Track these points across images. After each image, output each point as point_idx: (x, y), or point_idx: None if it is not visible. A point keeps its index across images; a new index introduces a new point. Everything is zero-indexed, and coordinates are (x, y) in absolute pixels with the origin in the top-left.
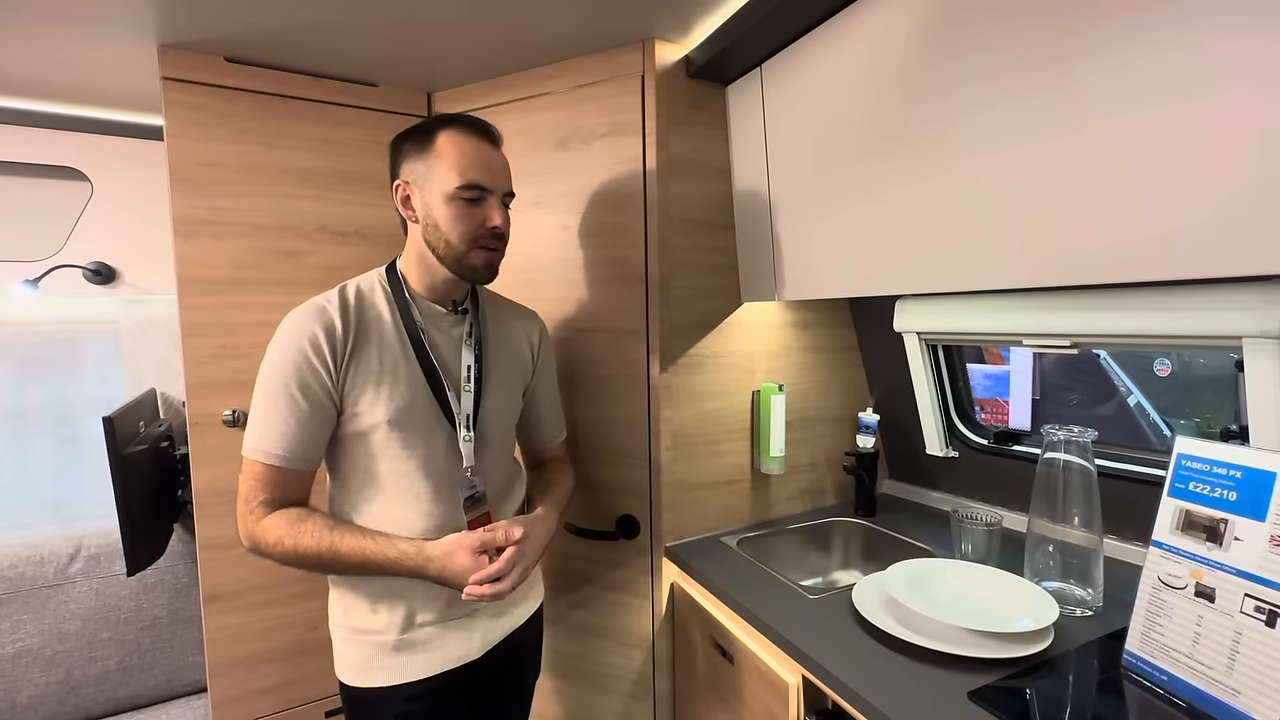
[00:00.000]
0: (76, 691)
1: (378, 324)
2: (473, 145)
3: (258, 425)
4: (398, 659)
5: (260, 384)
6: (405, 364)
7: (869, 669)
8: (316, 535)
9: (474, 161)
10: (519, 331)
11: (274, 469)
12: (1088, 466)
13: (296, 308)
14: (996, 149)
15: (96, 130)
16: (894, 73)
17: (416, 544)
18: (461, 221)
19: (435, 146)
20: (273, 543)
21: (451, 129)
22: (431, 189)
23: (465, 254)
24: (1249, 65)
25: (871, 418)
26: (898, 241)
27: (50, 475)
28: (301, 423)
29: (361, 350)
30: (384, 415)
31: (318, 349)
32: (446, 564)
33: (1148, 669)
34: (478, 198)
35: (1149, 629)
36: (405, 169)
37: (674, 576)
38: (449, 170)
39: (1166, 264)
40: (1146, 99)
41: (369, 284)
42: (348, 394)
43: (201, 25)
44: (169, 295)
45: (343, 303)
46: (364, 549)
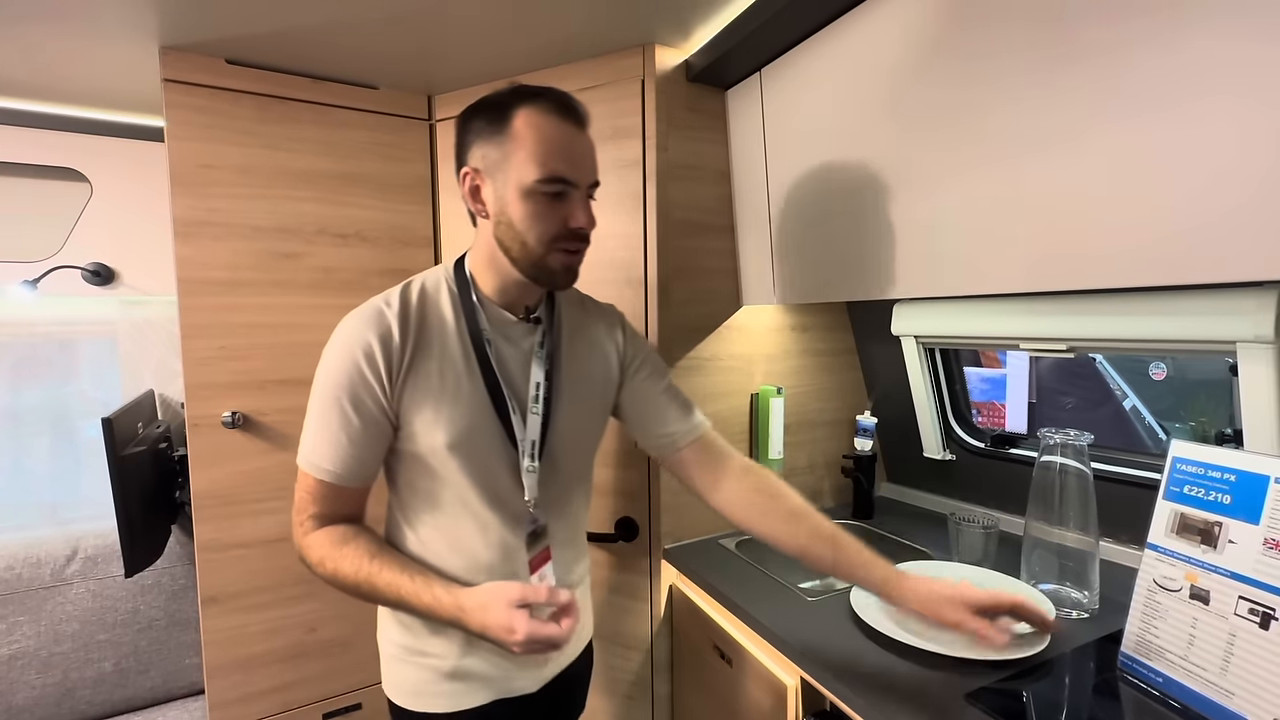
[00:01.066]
0: (73, 694)
1: (440, 332)
2: (556, 127)
3: (310, 435)
4: (454, 685)
5: (314, 392)
6: (468, 380)
7: (867, 671)
8: (356, 562)
9: (557, 148)
10: (601, 336)
11: (324, 484)
12: (1084, 470)
13: (353, 311)
14: (995, 154)
15: (96, 131)
16: (892, 78)
17: (452, 592)
18: (540, 220)
19: (512, 128)
20: (315, 562)
21: (531, 106)
22: (506, 180)
23: (543, 257)
24: (1245, 71)
25: (869, 420)
26: (895, 245)
27: (48, 476)
28: (354, 439)
29: (420, 363)
30: (442, 439)
31: (372, 360)
32: (483, 619)
33: (1143, 671)
34: (560, 192)
35: (1144, 631)
36: (475, 153)
37: (673, 579)
38: (528, 159)
39: (1163, 269)
40: (1144, 105)
41: (435, 283)
42: (403, 412)
43: (203, 27)
44: (168, 296)
45: (403, 306)
46: (399, 587)
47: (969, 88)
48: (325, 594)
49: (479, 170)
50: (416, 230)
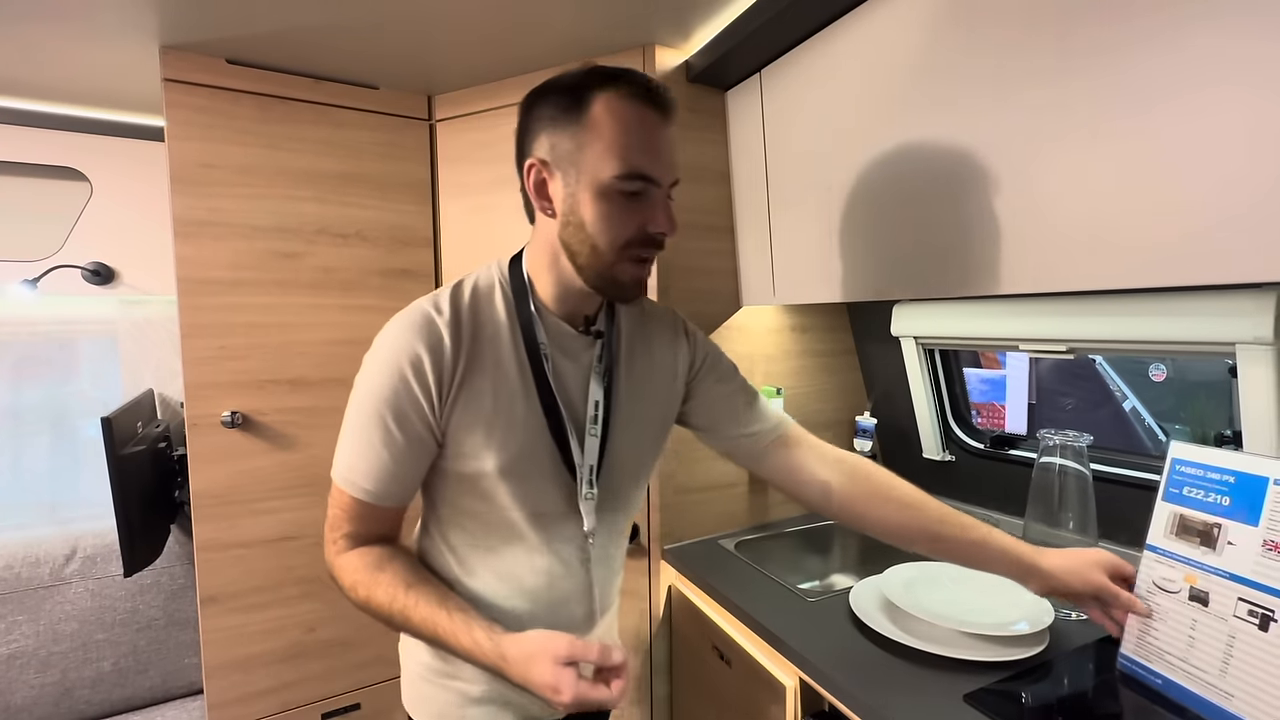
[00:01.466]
0: (71, 693)
1: (494, 344)
2: (640, 116)
3: (348, 451)
4: (480, 710)
5: (354, 403)
6: (524, 400)
7: (866, 672)
8: (391, 591)
9: (640, 141)
10: (662, 347)
11: (360, 503)
12: (1083, 471)
13: (400, 314)
14: (994, 156)
15: (97, 131)
16: (893, 78)
17: (494, 638)
18: (615, 222)
19: (590, 115)
20: (347, 586)
21: (612, 90)
22: (579, 174)
23: (613, 265)
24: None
25: (869, 421)
26: (895, 246)
27: (47, 475)
28: (396, 457)
29: (473, 378)
30: (493, 464)
31: (420, 374)
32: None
33: (1142, 672)
34: (639, 190)
35: (1144, 633)
36: (543, 142)
37: (672, 579)
38: (606, 151)
39: (1162, 271)
40: (1144, 106)
41: (488, 284)
42: (452, 431)
43: (203, 27)
44: (167, 296)
45: (455, 313)
46: (436, 624)
47: (969, 88)
48: (324, 594)
49: (547, 162)
50: (416, 230)
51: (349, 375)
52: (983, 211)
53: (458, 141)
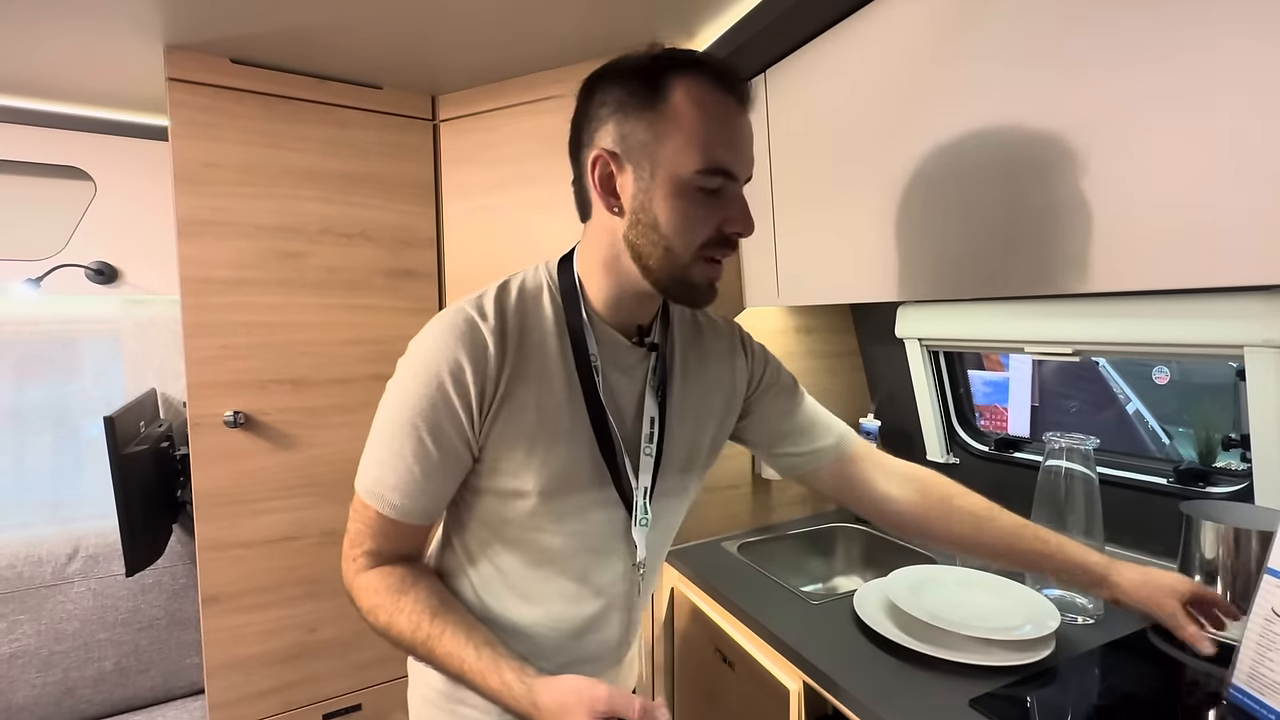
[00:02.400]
0: (73, 692)
1: (540, 352)
2: (722, 106)
3: (376, 462)
4: None
5: (385, 413)
6: (570, 416)
7: (870, 675)
8: (414, 619)
9: (723, 134)
10: (719, 362)
11: (386, 519)
12: (1089, 474)
13: (441, 317)
14: (998, 157)
15: (101, 130)
16: (897, 79)
17: (526, 681)
18: (695, 221)
19: (670, 103)
20: (366, 609)
21: (693, 76)
22: (655, 168)
23: (688, 268)
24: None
25: (873, 423)
26: (900, 247)
27: (49, 475)
28: (428, 472)
29: (516, 390)
30: (534, 484)
31: (461, 385)
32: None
33: (1255, 706)
34: (719, 187)
35: (1258, 663)
36: (611, 131)
37: (674, 581)
38: (688, 144)
39: (1169, 272)
40: (1155, 105)
41: (535, 287)
42: (491, 447)
43: (207, 26)
44: (170, 295)
45: (500, 318)
46: (463, 660)
47: (973, 89)
48: (326, 595)
49: (616, 154)
50: (420, 230)
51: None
52: (988, 213)
53: (462, 142)
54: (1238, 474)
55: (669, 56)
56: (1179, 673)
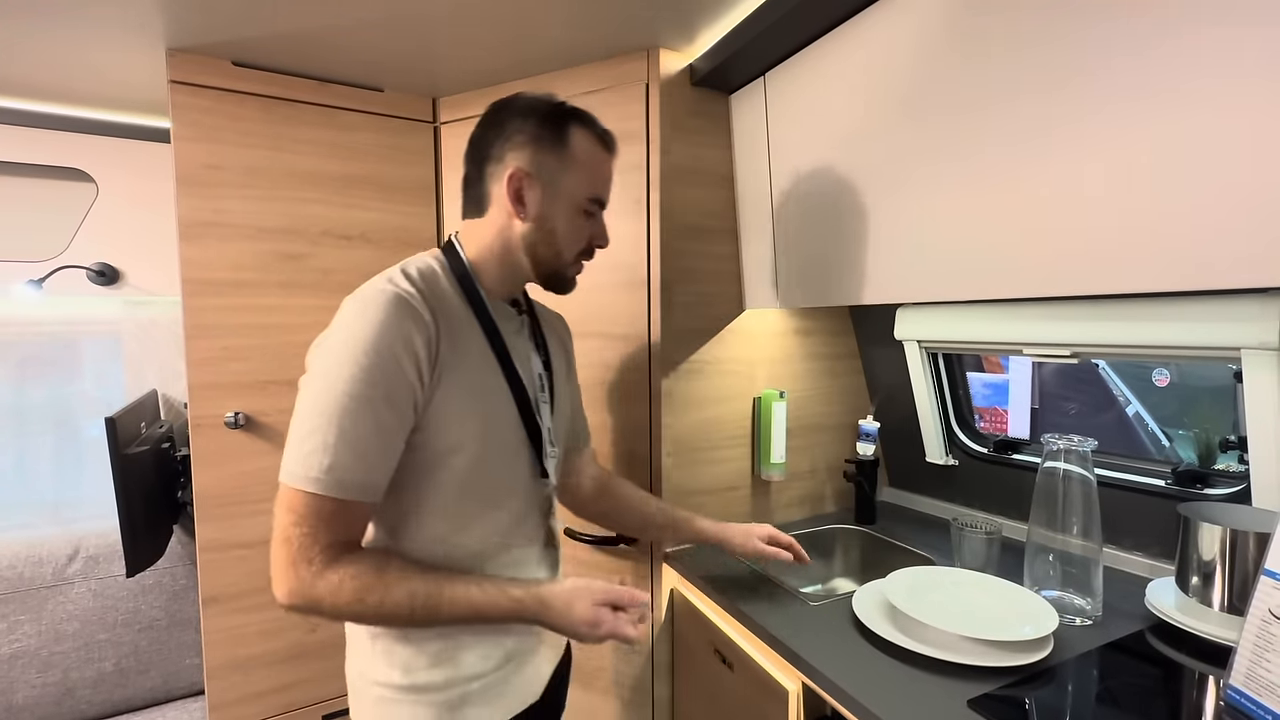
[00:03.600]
0: (73, 693)
1: (457, 321)
2: (603, 156)
3: (322, 446)
4: (464, 713)
5: (324, 394)
6: (490, 373)
7: (869, 676)
8: (408, 586)
9: (605, 175)
10: (559, 333)
11: (341, 503)
12: (1088, 476)
13: (366, 298)
14: (1000, 158)
15: (103, 132)
16: (898, 85)
17: (532, 591)
18: (578, 234)
19: (571, 147)
20: (348, 601)
21: (583, 130)
22: (559, 192)
23: (567, 267)
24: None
25: (872, 425)
26: (899, 250)
27: (50, 475)
28: (386, 443)
29: (449, 356)
30: (473, 434)
31: (411, 350)
32: (569, 614)
33: (1252, 707)
34: (595, 212)
35: (1255, 664)
36: (526, 156)
37: (674, 582)
38: (584, 179)
39: (1167, 275)
40: (1151, 107)
41: (429, 270)
42: (435, 406)
43: (209, 30)
44: (171, 297)
45: (420, 292)
46: (471, 598)
47: (975, 92)
48: None
49: (530, 174)
50: (420, 232)
51: None
52: (989, 215)
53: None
54: (1236, 476)
55: (570, 110)
56: (1176, 674)
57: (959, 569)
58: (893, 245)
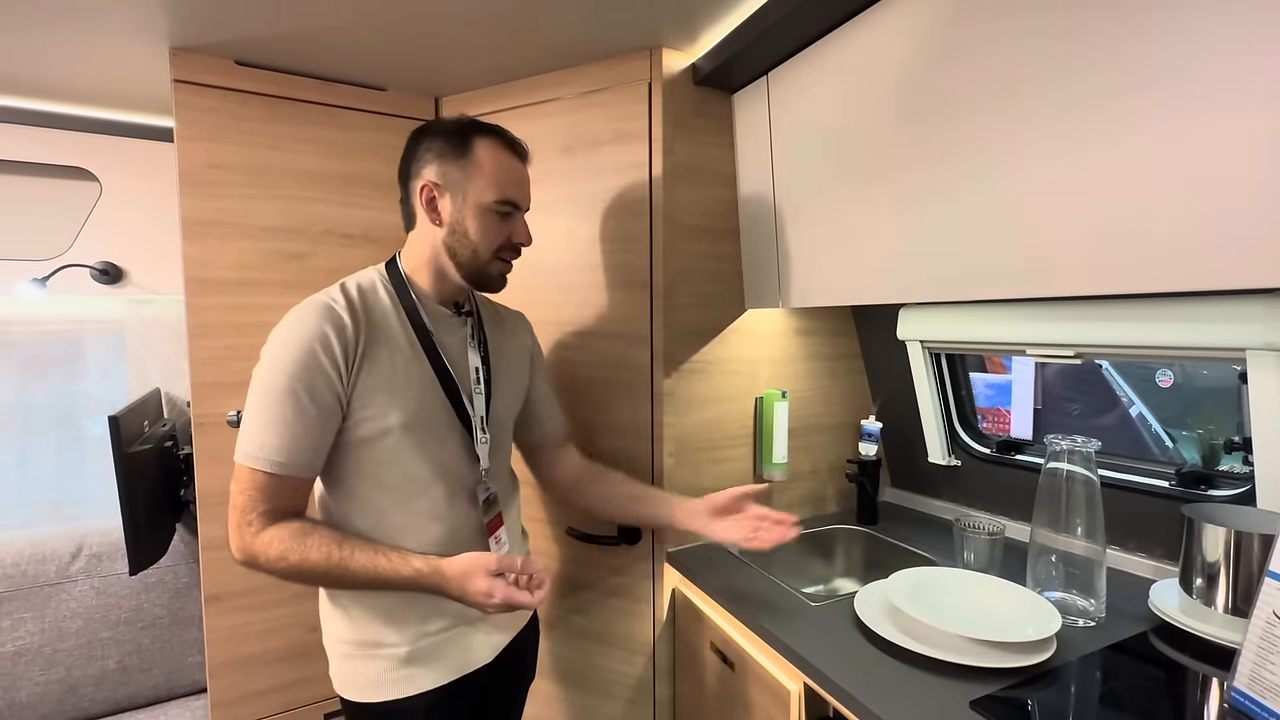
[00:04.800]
0: (76, 691)
1: (385, 323)
2: (510, 161)
3: (258, 430)
4: (412, 670)
5: (261, 386)
6: (416, 366)
7: (871, 677)
8: (324, 550)
9: (512, 178)
10: (515, 331)
11: (274, 478)
12: (1091, 477)
13: (297, 306)
14: (1004, 158)
15: (107, 131)
16: (902, 83)
17: (431, 563)
18: (491, 234)
19: (474, 156)
20: (275, 558)
21: (488, 140)
22: (466, 198)
23: (487, 264)
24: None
25: (874, 425)
26: (902, 250)
27: (54, 473)
28: (309, 428)
29: (372, 350)
30: (398, 419)
31: (328, 349)
32: (464, 585)
33: (1256, 709)
34: (509, 212)
35: (1259, 666)
36: (434, 170)
37: (675, 582)
38: (489, 183)
39: (1171, 275)
40: (1156, 106)
41: (369, 282)
42: (357, 398)
43: (213, 29)
44: (175, 295)
45: (348, 301)
46: (376, 566)
47: (979, 93)
48: None
49: (439, 185)
50: None
51: None
52: (991, 215)
53: None
54: (1240, 477)
55: (473, 124)
56: (1180, 676)
57: (961, 570)
58: (896, 245)
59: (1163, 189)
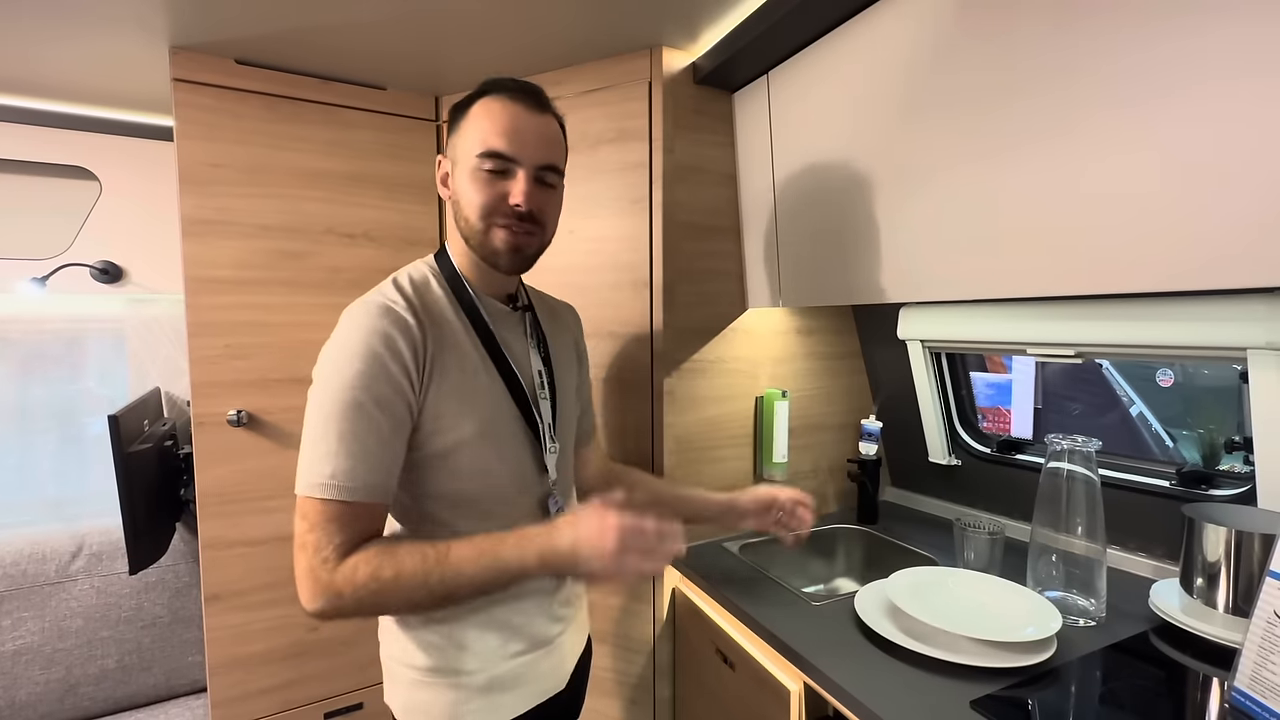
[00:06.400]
0: (75, 690)
1: (447, 324)
2: (505, 109)
3: (325, 454)
4: (490, 700)
5: (323, 404)
6: (484, 371)
7: (871, 676)
8: (417, 555)
9: (501, 127)
10: (567, 327)
11: (350, 506)
12: (1092, 477)
13: (353, 308)
14: (1005, 158)
15: (106, 130)
16: (902, 83)
17: (546, 530)
18: (477, 193)
19: (469, 114)
20: (363, 581)
21: (490, 94)
22: (458, 160)
23: (485, 233)
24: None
25: (874, 425)
26: (902, 249)
27: (54, 472)
28: (384, 444)
29: (439, 356)
30: (471, 430)
31: (396, 354)
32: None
33: (1257, 709)
34: (501, 169)
35: (1260, 666)
36: (447, 144)
37: (675, 582)
38: (477, 134)
39: (1172, 275)
40: (1157, 105)
41: (421, 276)
42: (430, 405)
43: (213, 28)
44: (175, 295)
45: (408, 300)
46: (483, 554)
47: (981, 90)
48: None
49: (445, 157)
50: (423, 230)
51: None
52: (992, 214)
53: None
54: (1240, 477)
55: (484, 84)
56: (1181, 676)
57: (962, 569)
58: (896, 244)
59: (1163, 189)
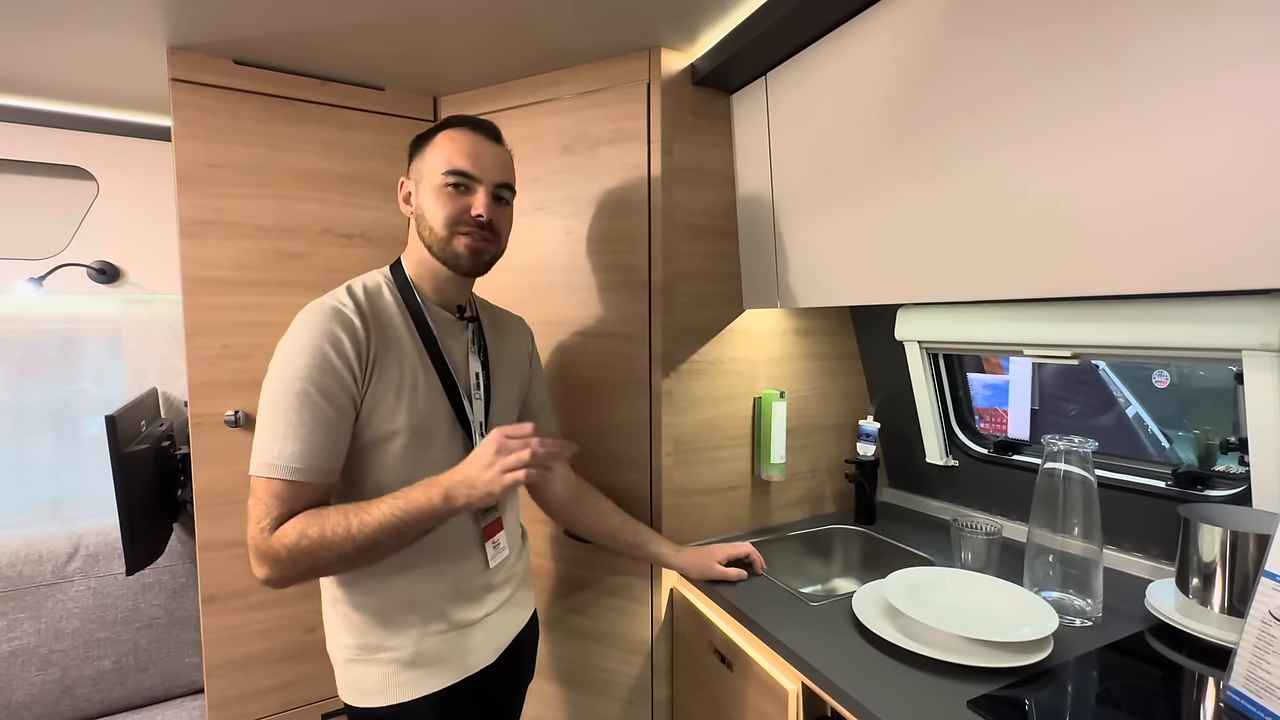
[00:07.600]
0: (72, 691)
1: (392, 327)
2: (465, 137)
3: (274, 439)
4: (416, 673)
5: (274, 393)
6: (423, 371)
7: (868, 677)
8: (339, 516)
9: (464, 151)
10: (514, 338)
11: (294, 485)
12: (1088, 477)
13: (304, 310)
14: (1002, 159)
15: (104, 130)
16: (899, 84)
17: (439, 480)
18: (443, 208)
19: (433, 142)
20: (292, 542)
21: (452, 127)
22: (423, 181)
23: (449, 240)
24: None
25: (872, 425)
26: (901, 250)
27: (50, 473)
28: (328, 431)
29: (382, 354)
30: (405, 421)
31: (341, 351)
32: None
33: (1252, 709)
34: (463, 185)
35: (1255, 665)
36: (410, 168)
37: (673, 582)
38: (441, 157)
39: (1168, 276)
40: (1149, 107)
41: (374, 285)
42: (370, 398)
43: (211, 28)
44: (172, 295)
45: (356, 304)
46: (392, 511)
47: (979, 91)
48: None
49: (408, 179)
50: None
51: None
52: (989, 216)
53: None
54: (1236, 477)
55: (447, 119)
56: (1176, 675)
57: (959, 570)
58: (893, 245)
59: (1159, 190)
